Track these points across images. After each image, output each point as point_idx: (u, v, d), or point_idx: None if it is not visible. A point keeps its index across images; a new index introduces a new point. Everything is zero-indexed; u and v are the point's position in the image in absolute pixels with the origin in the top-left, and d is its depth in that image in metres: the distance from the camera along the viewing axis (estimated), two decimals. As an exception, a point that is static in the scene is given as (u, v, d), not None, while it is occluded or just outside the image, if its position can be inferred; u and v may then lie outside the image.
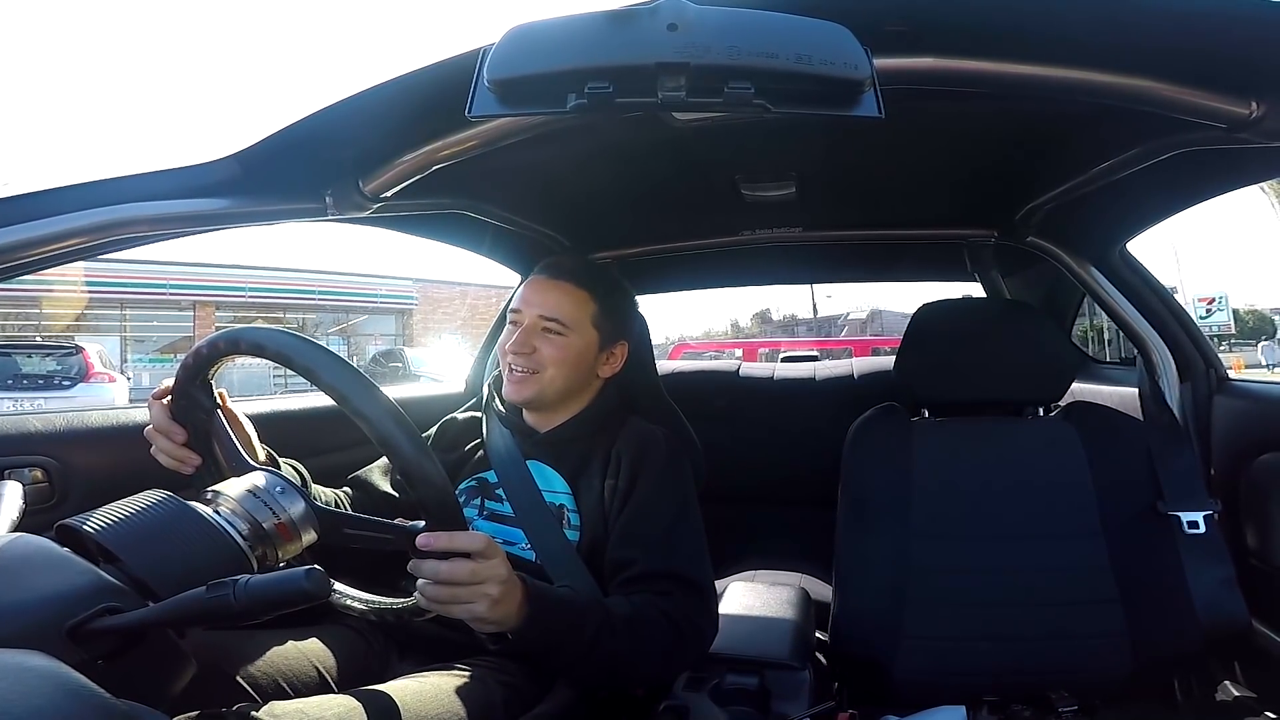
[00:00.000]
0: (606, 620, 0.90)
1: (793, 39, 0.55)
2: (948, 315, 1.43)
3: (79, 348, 9.28)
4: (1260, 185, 6.08)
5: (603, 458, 1.14)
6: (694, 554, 1.06)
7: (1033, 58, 0.69)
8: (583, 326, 1.16)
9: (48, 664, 0.41)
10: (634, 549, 1.03)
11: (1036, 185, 1.28)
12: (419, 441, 0.73)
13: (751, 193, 1.34)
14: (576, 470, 1.15)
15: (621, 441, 1.15)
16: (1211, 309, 21.15)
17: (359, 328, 19.02)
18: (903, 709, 0.91)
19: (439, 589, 0.76)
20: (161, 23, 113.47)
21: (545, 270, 1.19)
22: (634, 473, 1.10)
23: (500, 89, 0.58)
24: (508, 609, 0.80)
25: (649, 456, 1.13)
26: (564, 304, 1.15)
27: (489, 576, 0.77)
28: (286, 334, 0.75)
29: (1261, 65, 0.67)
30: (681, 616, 0.97)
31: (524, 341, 1.14)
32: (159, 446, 0.87)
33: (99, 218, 0.75)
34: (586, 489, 1.12)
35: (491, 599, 0.77)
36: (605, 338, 1.19)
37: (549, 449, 1.18)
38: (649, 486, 1.09)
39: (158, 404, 0.86)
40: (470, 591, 0.76)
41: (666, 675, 1.03)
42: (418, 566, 0.76)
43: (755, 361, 3.48)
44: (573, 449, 1.17)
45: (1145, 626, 1.15)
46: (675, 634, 0.95)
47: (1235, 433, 1.34)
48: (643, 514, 1.06)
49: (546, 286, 1.17)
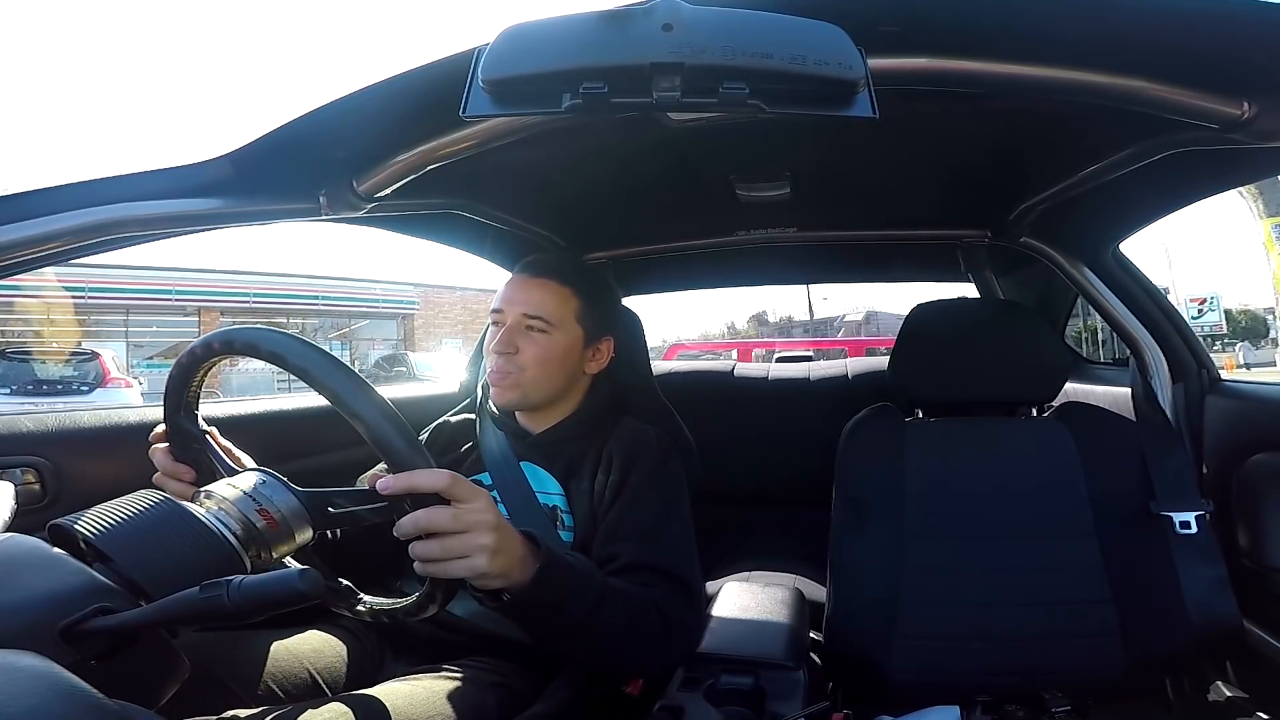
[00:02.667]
0: (609, 589, 0.88)
1: (787, 39, 0.55)
2: (941, 316, 1.43)
3: (95, 353, 9.30)
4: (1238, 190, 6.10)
5: (595, 457, 1.14)
6: (681, 553, 1.04)
7: (1027, 58, 0.70)
8: (566, 323, 1.15)
9: (40, 664, 0.41)
10: (619, 543, 1.02)
11: (1030, 186, 1.28)
12: (410, 436, 0.73)
13: (746, 193, 1.35)
14: (569, 471, 1.14)
15: (614, 441, 1.15)
16: (1203, 309, 21.23)
17: (360, 332, 19.03)
18: (897, 709, 0.91)
19: (428, 545, 0.72)
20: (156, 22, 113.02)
21: (526, 268, 1.18)
22: (625, 471, 1.09)
23: (495, 89, 0.58)
24: (509, 560, 0.76)
25: (641, 455, 1.12)
26: (547, 301, 1.14)
27: (475, 522, 0.72)
28: (277, 333, 0.75)
29: (1253, 66, 0.68)
30: (670, 609, 0.95)
31: (508, 341, 1.13)
32: (173, 491, 0.83)
33: (91, 218, 0.75)
34: (578, 489, 1.12)
35: (487, 549, 0.73)
36: (590, 334, 1.18)
37: (542, 450, 1.17)
38: (638, 484, 1.08)
39: (160, 451, 0.85)
40: (461, 541, 0.72)
41: (654, 667, 0.99)
42: (400, 527, 0.72)
43: (750, 362, 3.48)
44: (565, 450, 1.17)
45: (1137, 626, 1.15)
46: (664, 624, 0.94)
47: (1227, 433, 1.35)
48: (631, 510, 1.05)
49: (528, 284, 1.16)
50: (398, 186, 0.91)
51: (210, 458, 0.84)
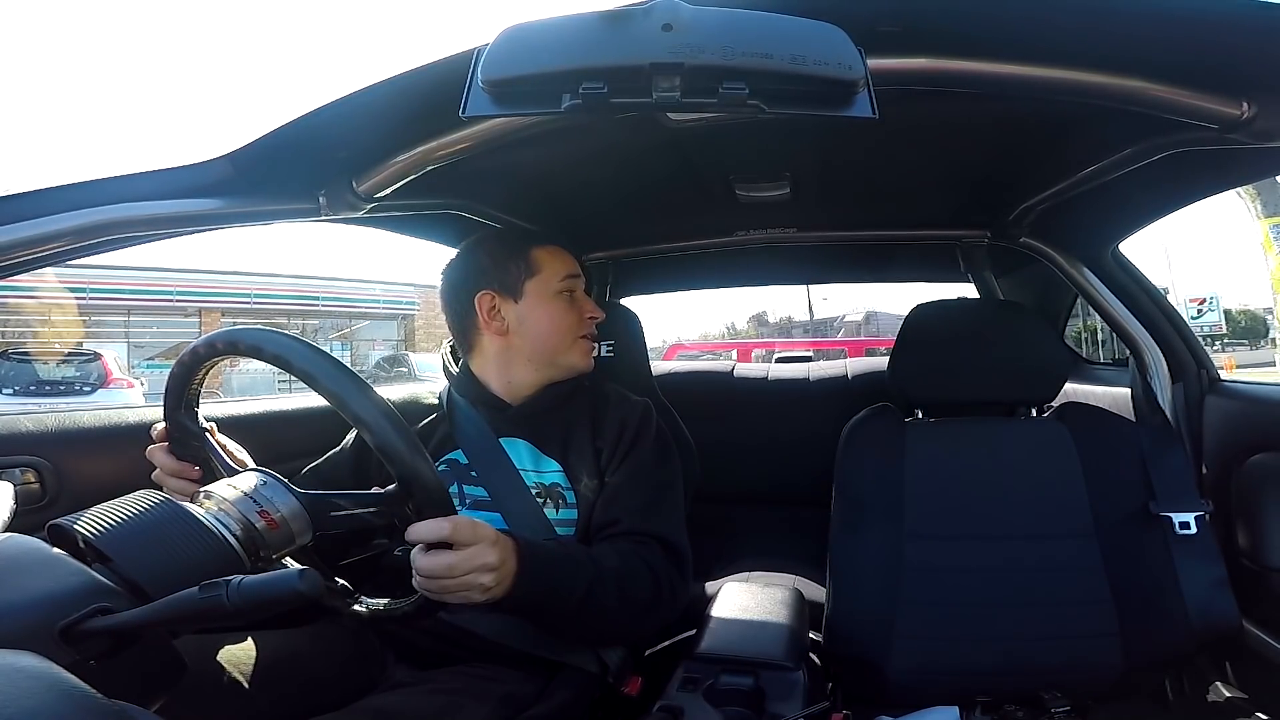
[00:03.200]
0: (598, 576, 0.91)
1: (787, 39, 0.55)
2: (940, 316, 1.43)
3: (97, 354, 9.31)
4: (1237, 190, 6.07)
5: (587, 425, 1.14)
6: (676, 522, 1.08)
7: (1027, 58, 0.70)
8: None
9: (40, 665, 0.41)
10: (620, 509, 1.04)
11: (1029, 186, 1.28)
12: (412, 440, 0.73)
13: (746, 193, 1.35)
14: (565, 444, 1.13)
15: (610, 408, 1.16)
16: (1203, 309, 21.19)
17: (361, 333, 19.01)
18: (896, 709, 0.91)
19: (426, 581, 0.76)
20: (155, 22, 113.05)
21: (561, 241, 1.23)
22: (631, 439, 1.12)
23: (494, 89, 0.58)
24: (505, 582, 0.81)
25: (644, 424, 1.15)
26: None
27: (473, 567, 0.76)
28: (283, 336, 0.75)
29: (1253, 66, 0.68)
30: (662, 571, 0.99)
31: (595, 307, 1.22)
32: (176, 489, 0.85)
33: (91, 218, 0.75)
34: (579, 463, 1.11)
35: (483, 587, 0.77)
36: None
37: (529, 424, 1.15)
38: (644, 453, 1.11)
39: (160, 451, 0.85)
40: (458, 583, 0.76)
41: (644, 629, 1.05)
42: (416, 576, 0.77)
43: (749, 362, 3.48)
44: (552, 421, 1.15)
45: (1137, 627, 1.15)
46: (656, 586, 0.98)
47: (1227, 433, 1.35)
48: (634, 478, 1.08)
49: (573, 257, 1.22)
50: (397, 187, 0.91)
51: (210, 455, 0.84)
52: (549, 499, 1.08)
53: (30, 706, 0.37)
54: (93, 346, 10.28)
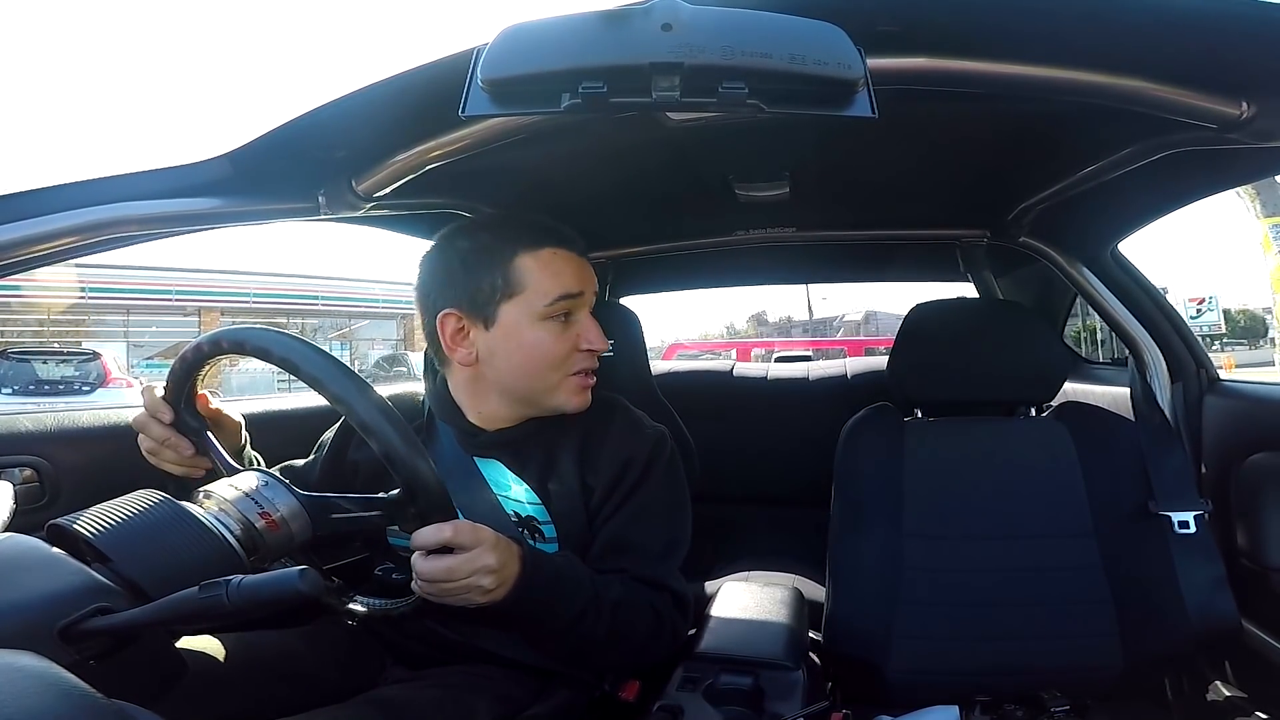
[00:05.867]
0: (595, 605, 0.88)
1: (786, 39, 0.55)
2: (940, 316, 1.43)
3: (96, 353, 9.33)
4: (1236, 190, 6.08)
5: (573, 456, 1.01)
6: (678, 567, 1.03)
7: (1026, 58, 0.70)
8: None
9: (39, 664, 0.41)
10: (627, 557, 0.97)
11: (1028, 185, 1.28)
12: (417, 445, 0.73)
13: (745, 193, 1.34)
14: (544, 473, 1.01)
15: (609, 439, 1.03)
16: (1202, 309, 21.22)
17: (360, 332, 19.03)
18: (896, 709, 0.91)
19: (427, 585, 0.76)
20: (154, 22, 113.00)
21: (573, 243, 1.02)
22: (636, 476, 1.01)
23: (494, 89, 0.58)
24: (504, 591, 0.80)
25: (654, 463, 1.03)
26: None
27: (473, 570, 0.75)
28: (289, 338, 0.75)
29: (1252, 66, 0.68)
30: (666, 615, 0.96)
31: (603, 335, 1.01)
32: (166, 459, 0.85)
33: (90, 217, 0.75)
34: (560, 493, 0.99)
35: (483, 589, 0.77)
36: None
37: (506, 449, 1.03)
38: (654, 496, 1.01)
39: (155, 423, 0.84)
40: (458, 586, 0.76)
41: (635, 664, 0.99)
42: (417, 580, 0.77)
43: (749, 362, 3.48)
44: (532, 446, 1.03)
45: (1136, 626, 1.15)
46: (657, 627, 0.95)
47: (1226, 433, 1.35)
48: (641, 521, 0.99)
49: (584, 264, 1.02)
50: (397, 186, 0.91)
51: (208, 450, 0.84)
52: (525, 529, 0.99)
53: (30, 706, 0.37)
54: (92, 346, 10.29)
